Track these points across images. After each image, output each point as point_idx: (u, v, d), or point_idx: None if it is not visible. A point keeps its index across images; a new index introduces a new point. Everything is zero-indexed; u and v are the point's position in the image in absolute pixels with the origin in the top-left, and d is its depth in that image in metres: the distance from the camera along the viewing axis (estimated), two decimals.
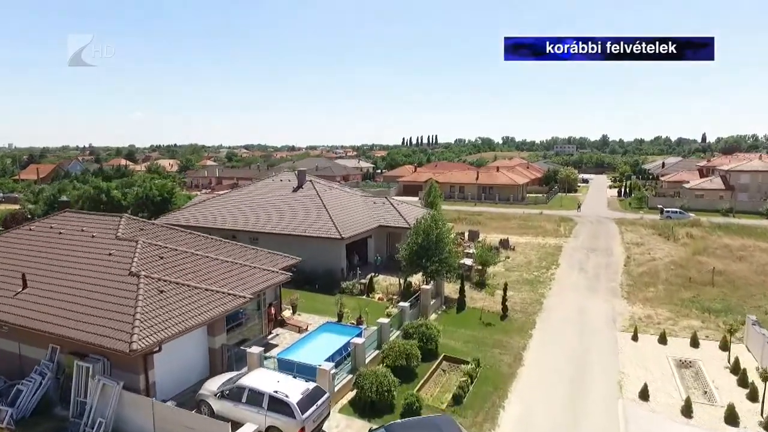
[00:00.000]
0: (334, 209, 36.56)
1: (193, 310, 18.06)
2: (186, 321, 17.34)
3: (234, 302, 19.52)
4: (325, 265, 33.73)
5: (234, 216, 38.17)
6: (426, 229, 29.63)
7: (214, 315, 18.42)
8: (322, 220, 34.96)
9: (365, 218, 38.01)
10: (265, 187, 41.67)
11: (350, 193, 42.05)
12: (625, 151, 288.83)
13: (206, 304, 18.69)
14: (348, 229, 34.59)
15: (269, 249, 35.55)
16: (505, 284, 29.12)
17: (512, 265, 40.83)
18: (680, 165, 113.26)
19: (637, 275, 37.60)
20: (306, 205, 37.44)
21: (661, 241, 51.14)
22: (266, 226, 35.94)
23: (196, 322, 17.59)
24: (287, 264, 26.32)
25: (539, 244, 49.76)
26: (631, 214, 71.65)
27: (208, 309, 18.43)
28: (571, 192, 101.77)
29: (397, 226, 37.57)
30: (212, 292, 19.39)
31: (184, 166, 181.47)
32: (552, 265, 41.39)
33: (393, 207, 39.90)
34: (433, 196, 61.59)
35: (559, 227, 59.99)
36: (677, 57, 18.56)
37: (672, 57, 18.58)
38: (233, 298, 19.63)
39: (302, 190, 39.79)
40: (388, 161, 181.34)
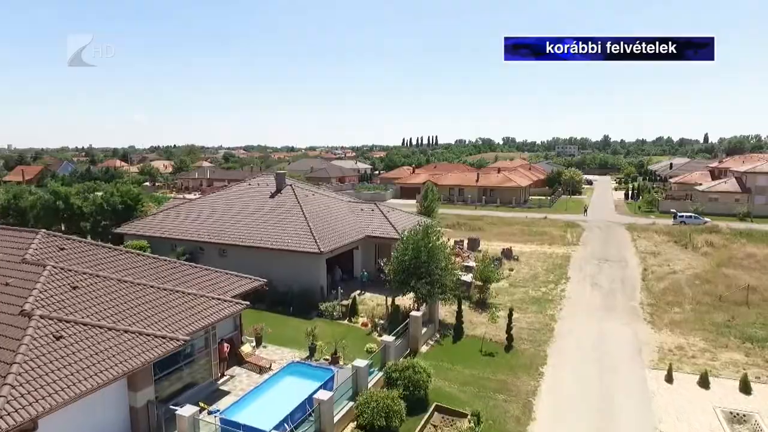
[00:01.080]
0: (314, 218, 32.18)
1: (103, 362, 13.68)
2: (87, 380, 12.96)
3: (163, 347, 15.13)
4: (302, 283, 29.37)
5: (202, 225, 33.80)
6: (416, 243, 25.25)
7: (133, 366, 14.04)
8: (299, 231, 30.58)
9: (351, 228, 33.62)
10: (240, 192, 37.30)
11: (335, 198, 37.68)
12: (628, 151, 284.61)
13: (124, 351, 14.30)
14: (329, 241, 30.21)
15: (239, 263, 31.35)
16: (510, 310, 24.62)
17: (517, 279, 36.41)
18: (689, 166, 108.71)
19: (658, 292, 33.15)
20: (283, 213, 33.06)
21: (679, 250, 46.70)
22: (237, 237, 31.58)
23: (103, 380, 13.22)
24: (250, 287, 21.94)
25: (545, 254, 45.33)
26: (642, 218, 67.21)
27: (124, 359, 14.05)
28: (575, 194, 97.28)
29: (386, 237, 33.19)
30: (134, 335, 15.00)
31: (178, 167, 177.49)
32: (561, 279, 36.97)
33: (382, 215, 35.51)
34: (429, 200, 57.41)
35: (565, 233, 55.56)
36: (677, 57, 18.56)
37: (672, 57, 18.59)
38: (163, 342, 15.24)
39: (280, 195, 35.41)
40: (387, 162, 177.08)
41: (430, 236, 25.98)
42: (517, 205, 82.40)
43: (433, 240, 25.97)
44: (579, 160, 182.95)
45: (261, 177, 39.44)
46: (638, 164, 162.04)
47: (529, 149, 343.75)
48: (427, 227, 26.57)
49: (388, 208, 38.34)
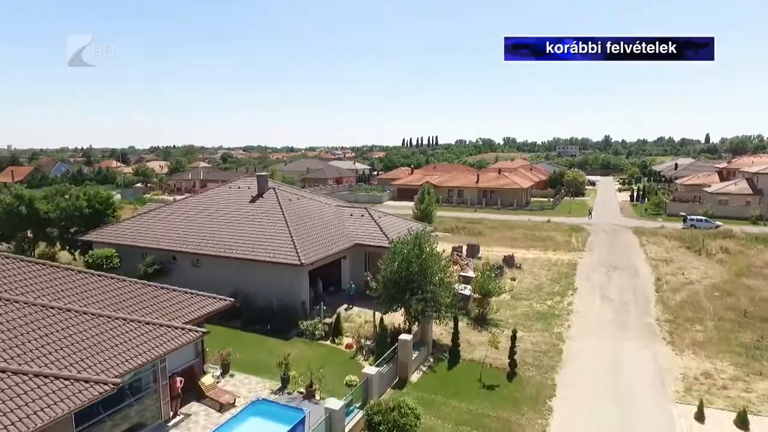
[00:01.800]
0: (297, 225, 29.25)
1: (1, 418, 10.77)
2: None
3: (85, 394, 12.21)
4: (282, 298, 26.45)
5: (176, 232, 30.88)
6: (407, 256, 22.34)
7: (36, 425, 11.11)
8: (279, 240, 27.66)
9: (338, 235, 30.69)
10: (220, 196, 34.37)
11: (322, 202, 34.74)
12: (630, 152, 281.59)
13: (28, 404, 11.39)
14: (313, 251, 27.27)
15: (214, 275, 28.53)
16: (513, 332, 21.63)
17: (520, 291, 33.47)
18: (695, 167, 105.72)
19: (675, 306, 30.18)
20: (263, 219, 30.15)
21: (692, 257, 43.74)
22: (212, 246, 28.65)
23: None
24: (212, 309, 19.01)
25: (550, 261, 42.39)
26: (650, 222, 64.23)
27: (25, 414, 11.12)
28: (578, 196, 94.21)
29: (376, 246, 30.26)
30: (48, 380, 12.09)
31: (174, 167, 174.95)
32: (567, 290, 34.03)
33: (373, 220, 32.58)
34: (426, 203, 54.53)
35: (570, 238, 52.60)
36: (677, 57, 18.53)
37: (672, 57, 18.55)
38: (85, 387, 12.32)
39: (262, 199, 32.49)
40: (386, 163, 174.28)
41: (421, 245, 23.08)
42: (519, 207, 79.46)
43: (425, 250, 23.08)
44: (581, 161, 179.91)
45: (243, 179, 36.54)
46: (641, 165, 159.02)
47: (529, 149, 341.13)
48: (418, 235, 23.65)
49: (380, 213, 35.45)
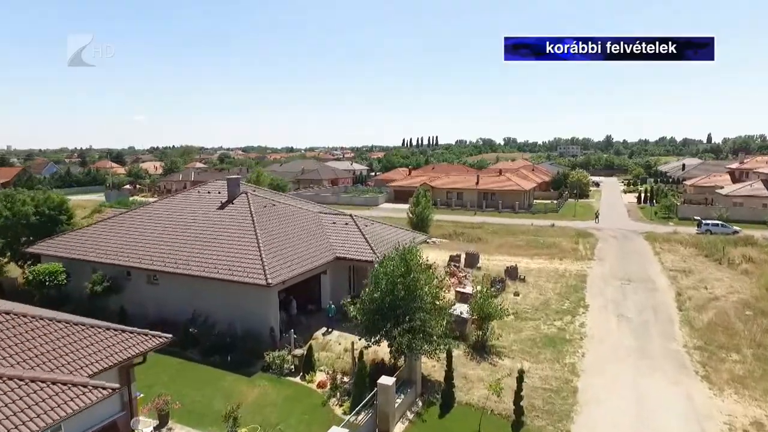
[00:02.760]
0: (268, 237, 25.42)
1: None
2: None
3: None
4: (247, 323, 22.67)
5: (133, 244, 27.05)
6: (390, 279, 18.54)
7: None
8: (246, 254, 23.82)
9: (317, 247, 26.86)
10: (186, 202, 30.53)
11: (301, 209, 30.88)
12: (632, 152, 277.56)
13: None
14: (284, 267, 23.43)
15: (172, 294, 24.70)
16: (519, 374, 17.70)
17: (524, 308, 29.63)
18: (704, 167, 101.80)
19: (703, 328, 26.31)
20: (231, 229, 26.32)
21: (713, 267, 39.87)
22: (171, 260, 24.81)
23: None
24: (142, 350, 15.15)
25: (556, 272, 38.52)
26: (660, 226, 60.32)
27: None
28: (582, 197, 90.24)
29: (360, 259, 26.44)
30: None
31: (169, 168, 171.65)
32: (578, 307, 30.18)
33: (358, 230, 28.73)
34: (422, 207, 50.73)
35: (577, 245, 48.72)
36: (677, 57, 18.65)
37: (672, 57, 18.67)
38: None
39: (232, 206, 28.66)
40: (384, 163, 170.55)
41: (409, 264, 19.25)
42: (521, 210, 75.55)
43: (413, 269, 19.26)
44: (583, 161, 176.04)
45: (215, 182, 32.71)
46: (645, 165, 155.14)
47: (530, 149, 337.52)
48: (405, 252, 19.80)
49: (368, 221, 31.60)
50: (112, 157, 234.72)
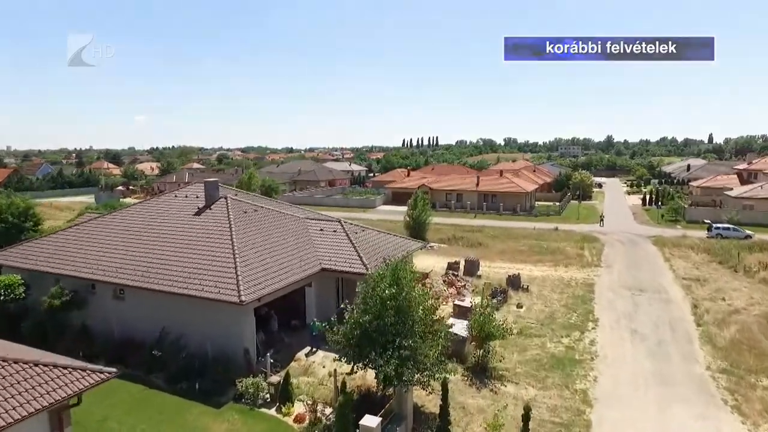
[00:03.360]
0: (246, 246, 23.00)
1: None
2: None
3: None
4: (219, 344, 20.25)
5: (99, 254, 24.62)
6: (379, 300, 16.15)
7: None
8: (221, 267, 21.40)
9: (301, 258, 24.43)
10: (162, 207, 28.12)
11: (285, 215, 28.42)
12: (633, 152, 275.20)
13: None
14: (262, 282, 21.02)
15: (139, 311, 22.26)
16: (525, 411, 15.21)
17: (528, 322, 27.22)
18: (709, 168, 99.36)
19: (727, 347, 23.86)
20: (207, 237, 23.89)
21: (728, 275, 37.44)
22: (138, 273, 22.38)
23: None
24: (80, 388, 12.73)
25: (561, 280, 36.10)
26: (668, 229, 57.89)
27: None
28: (585, 199, 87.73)
29: (349, 271, 24.02)
30: None
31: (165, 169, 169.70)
32: (587, 321, 27.77)
33: (347, 237, 26.29)
34: (419, 210, 48.38)
35: (582, 250, 46.31)
36: (677, 57, 18.70)
37: (672, 57, 18.69)
38: None
39: (209, 212, 26.23)
40: (383, 164, 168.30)
41: (400, 281, 16.86)
42: (522, 212, 73.14)
43: (405, 288, 16.86)
44: (585, 161, 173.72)
45: (195, 185, 30.27)
46: (648, 166, 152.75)
47: (531, 150, 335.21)
48: (396, 268, 17.38)
49: (359, 227, 29.18)
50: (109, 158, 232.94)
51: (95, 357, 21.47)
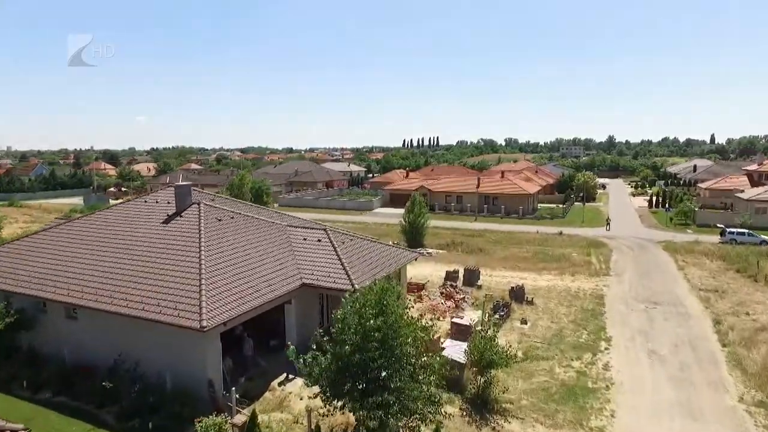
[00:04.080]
0: (216, 260, 20.33)
1: None
2: None
3: None
4: (179, 375, 17.59)
5: (55, 268, 21.95)
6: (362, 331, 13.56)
7: None
8: (184, 285, 18.72)
9: (279, 272, 21.75)
10: (129, 214, 25.45)
11: (266, 222, 25.72)
12: (636, 152, 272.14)
13: None
14: (233, 301, 18.35)
15: (93, 333, 19.59)
16: None
17: (534, 342, 24.54)
18: (716, 169, 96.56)
19: (758, 372, 21.11)
20: (173, 250, 21.20)
21: (749, 285, 34.71)
22: (93, 291, 19.68)
23: None
24: None
25: (568, 291, 33.41)
26: (678, 233, 55.15)
27: None
28: (589, 201, 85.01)
29: (332, 288, 21.35)
30: None
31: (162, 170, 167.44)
32: (599, 339, 25.08)
33: (333, 248, 23.61)
34: (416, 214, 45.83)
35: (589, 257, 43.62)
36: None
37: None
38: None
39: (180, 219, 23.57)
40: (383, 164, 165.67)
41: (386, 308, 14.23)
42: (525, 215, 70.44)
43: (392, 314, 14.24)
44: (587, 162, 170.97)
45: (168, 190, 27.57)
46: (652, 166, 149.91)
47: (532, 150, 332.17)
48: (383, 290, 14.73)
49: (347, 235, 26.49)
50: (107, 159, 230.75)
51: (42, 386, 18.96)
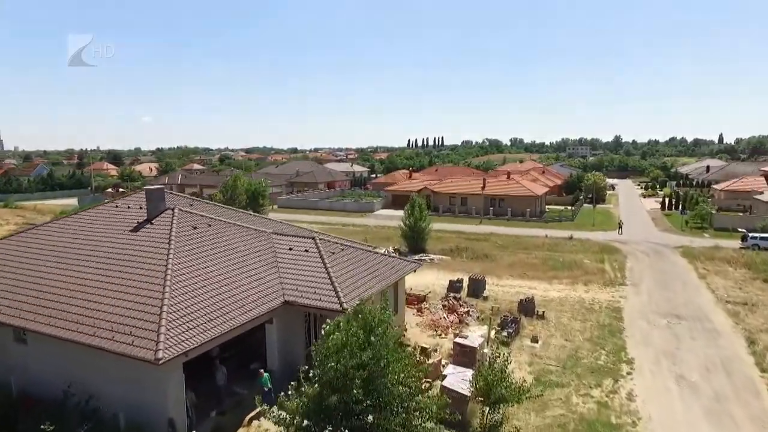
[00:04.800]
0: (185, 275, 17.81)
1: None
2: None
3: None
4: (136, 412, 15.05)
5: (7, 284, 19.49)
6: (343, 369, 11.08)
7: None
8: (146, 306, 16.20)
9: (258, 289, 19.20)
10: (97, 221, 22.98)
11: (247, 230, 23.14)
12: (644, 152, 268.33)
13: None
14: (198, 326, 15.81)
15: (44, 360, 17.04)
16: None
17: (546, 365, 21.89)
18: (731, 169, 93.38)
19: None
20: (138, 264, 18.69)
21: None
22: (44, 312, 17.20)
23: None
24: None
25: (582, 303, 30.71)
26: (696, 238, 52.20)
27: None
28: (599, 203, 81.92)
29: (318, 307, 18.78)
30: None
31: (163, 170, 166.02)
32: (619, 362, 22.39)
33: (320, 260, 21.03)
34: (417, 217, 43.23)
35: (603, 264, 40.86)
36: None
37: None
38: None
39: (150, 227, 21.09)
40: (387, 165, 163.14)
41: (375, 341, 11.70)
42: (532, 218, 67.63)
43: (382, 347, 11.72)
44: (595, 162, 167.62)
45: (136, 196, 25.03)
46: (662, 166, 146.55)
47: (537, 150, 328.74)
48: (369, 318, 12.18)
49: (339, 244, 23.86)
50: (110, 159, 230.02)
51: None
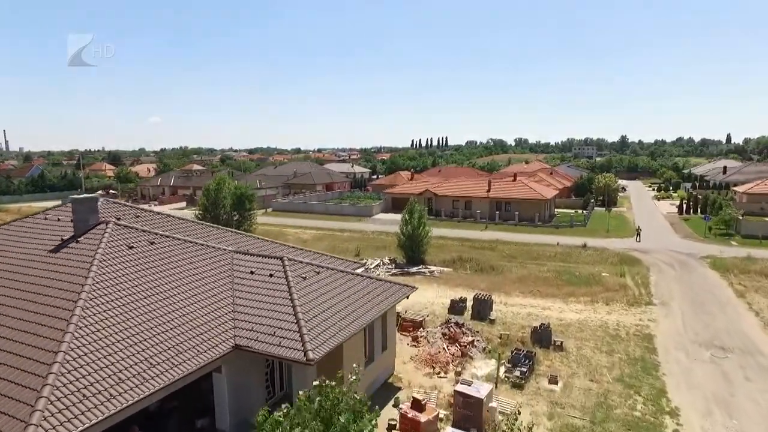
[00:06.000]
0: (101, 317, 13.55)
1: None
2: None
3: None
4: None
5: None
6: None
7: None
8: (35, 364, 11.98)
9: (202, 329, 14.92)
10: (19, 236, 18.79)
11: (204, 248, 18.89)
12: (651, 152, 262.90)
13: None
14: (106, 388, 11.55)
15: None
16: None
17: (570, 418, 17.52)
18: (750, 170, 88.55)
19: None
20: (45, 299, 14.48)
21: None
22: None
23: None
24: None
25: (605, 329, 26.30)
26: (724, 247, 47.57)
27: None
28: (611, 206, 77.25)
29: (276, 355, 14.46)
30: None
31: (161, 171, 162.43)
32: (660, 412, 17.98)
33: (287, 289, 16.72)
34: (414, 225, 38.94)
35: (623, 278, 36.40)
36: None
37: None
38: None
39: (75, 246, 16.87)
40: (389, 165, 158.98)
41: None
42: (541, 222, 63.13)
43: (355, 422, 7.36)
44: (603, 163, 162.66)
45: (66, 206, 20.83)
46: (674, 167, 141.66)
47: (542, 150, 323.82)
48: (332, 407, 7.86)
49: (314, 267, 19.50)
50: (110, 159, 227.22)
51: None
